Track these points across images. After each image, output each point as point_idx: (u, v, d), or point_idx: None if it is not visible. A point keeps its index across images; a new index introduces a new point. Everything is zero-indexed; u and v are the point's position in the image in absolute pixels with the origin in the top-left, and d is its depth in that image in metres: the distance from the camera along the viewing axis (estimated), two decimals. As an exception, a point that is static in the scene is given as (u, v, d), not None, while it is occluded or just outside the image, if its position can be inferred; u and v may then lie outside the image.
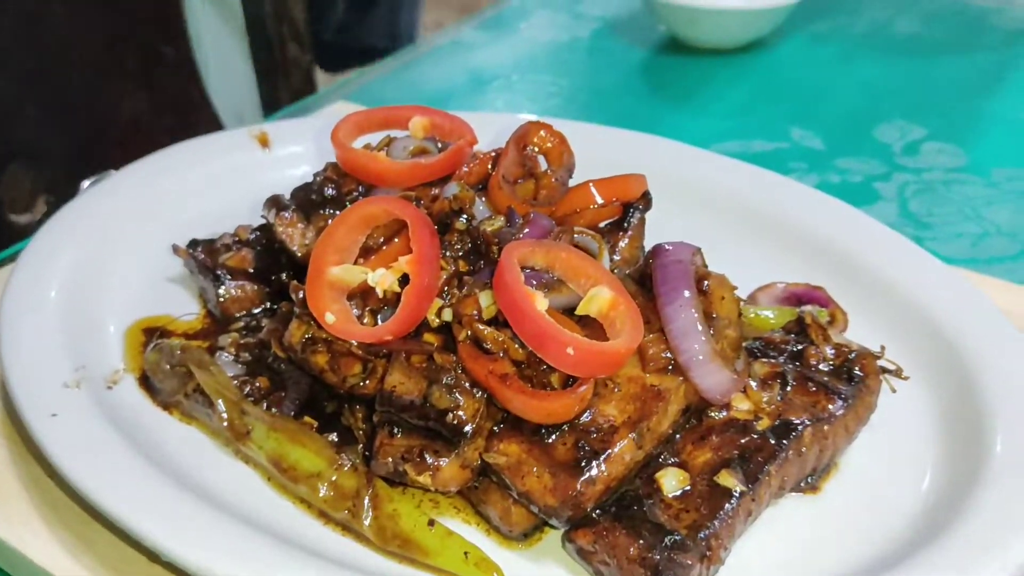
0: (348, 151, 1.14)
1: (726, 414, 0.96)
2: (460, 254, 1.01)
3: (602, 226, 1.11)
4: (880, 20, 2.28)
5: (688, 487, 0.91)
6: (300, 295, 1.01)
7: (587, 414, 0.91)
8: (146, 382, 1.09)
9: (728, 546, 0.88)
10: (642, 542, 0.85)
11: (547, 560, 0.92)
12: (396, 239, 1.01)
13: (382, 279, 0.97)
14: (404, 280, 0.97)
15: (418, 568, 0.90)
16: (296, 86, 3.15)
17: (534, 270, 0.96)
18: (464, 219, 1.04)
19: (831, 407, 0.96)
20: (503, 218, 1.02)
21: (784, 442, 0.93)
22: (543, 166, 1.13)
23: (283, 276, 1.20)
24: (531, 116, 1.55)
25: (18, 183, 2.03)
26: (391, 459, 0.92)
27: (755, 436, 0.94)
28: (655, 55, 2.13)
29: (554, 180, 1.09)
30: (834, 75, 2.04)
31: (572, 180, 1.19)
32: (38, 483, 1.00)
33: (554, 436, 0.90)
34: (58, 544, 0.94)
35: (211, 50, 3.02)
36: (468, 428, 0.89)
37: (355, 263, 1.03)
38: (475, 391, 0.91)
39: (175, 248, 1.24)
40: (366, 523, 0.92)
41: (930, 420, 1.04)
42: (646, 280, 1.00)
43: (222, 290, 1.17)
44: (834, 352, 1.01)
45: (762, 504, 0.93)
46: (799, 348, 1.02)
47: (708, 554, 0.85)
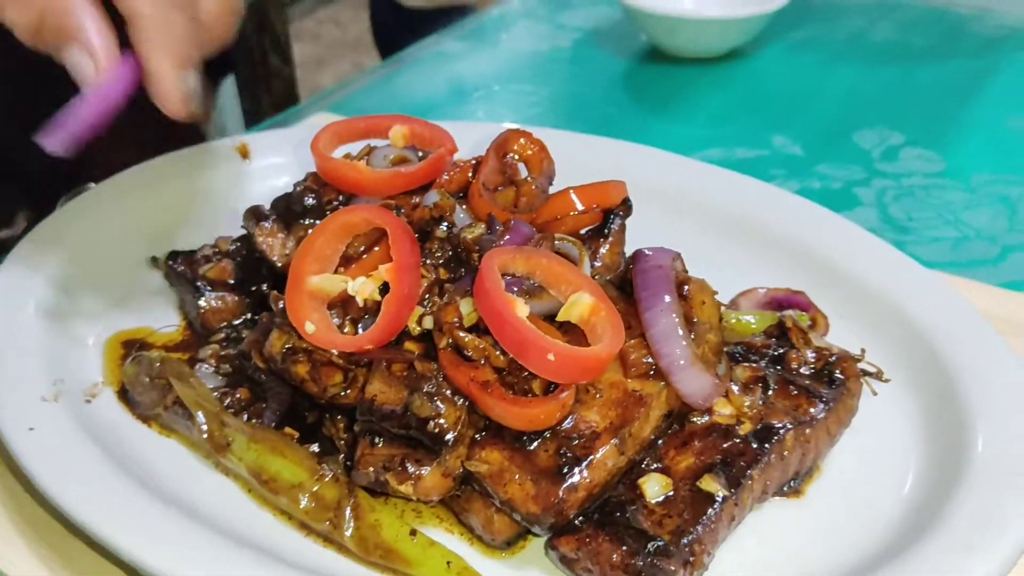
0: (328, 161, 1.14)
1: (708, 419, 0.96)
2: (441, 262, 1.01)
3: (583, 232, 1.11)
4: (858, 27, 2.30)
5: (671, 492, 0.90)
6: (280, 305, 1.00)
7: (569, 420, 0.90)
8: (125, 395, 1.09)
9: (711, 551, 0.88)
10: (625, 549, 0.85)
11: (530, 568, 0.92)
12: (376, 248, 1.01)
13: (362, 288, 0.97)
14: (385, 289, 0.97)
15: (401, 578, 0.89)
16: (278, 97, 3.16)
17: (515, 277, 0.96)
18: (445, 227, 1.04)
19: (812, 410, 0.97)
20: (484, 225, 1.02)
21: (766, 446, 0.93)
22: (523, 173, 1.13)
23: (264, 287, 1.19)
24: (512, 125, 1.56)
25: (-3, 198, 2.02)
26: (372, 469, 0.91)
27: (737, 440, 0.94)
28: (636, 64, 2.14)
29: (534, 187, 1.09)
30: (813, 82, 2.06)
31: (553, 187, 1.19)
32: (16, 498, 0.99)
33: (536, 443, 0.90)
34: (38, 560, 0.93)
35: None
36: (450, 436, 0.89)
37: (335, 272, 1.02)
38: (456, 399, 0.91)
39: (153, 260, 1.23)
40: (348, 534, 0.91)
41: (912, 422, 1.04)
42: (627, 286, 1.00)
43: (202, 302, 1.17)
44: (815, 355, 1.01)
45: (745, 509, 0.92)
46: (780, 352, 1.02)
47: (691, 560, 0.85)
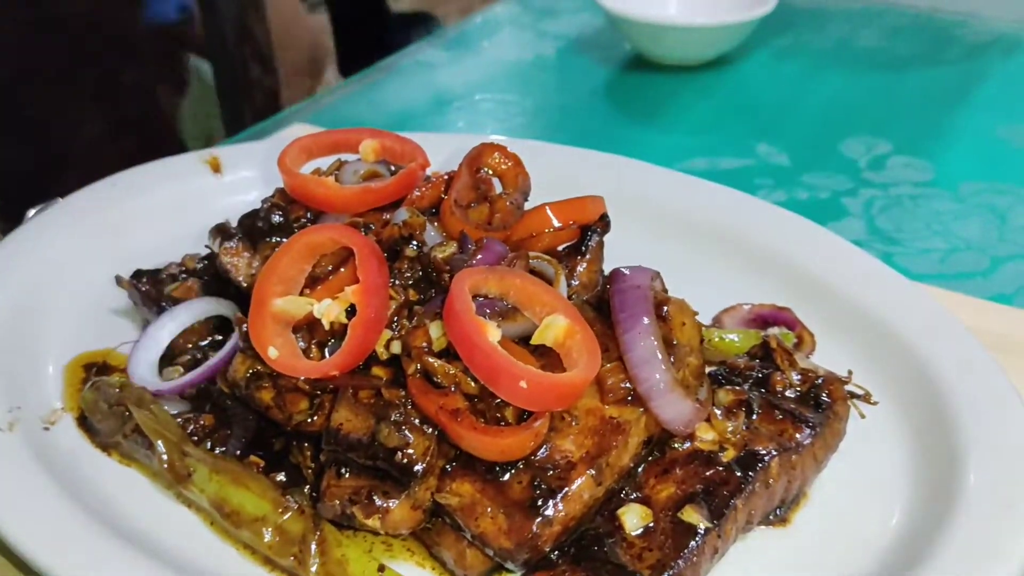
0: (295, 177, 1.10)
1: (690, 445, 0.92)
2: (410, 282, 0.97)
3: (560, 249, 1.07)
4: (844, 34, 2.27)
5: (651, 524, 0.87)
6: (243, 328, 0.96)
7: (543, 450, 0.86)
8: (84, 422, 1.04)
9: (693, 586, 0.84)
10: (602, 585, 0.81)
11: (505, 604, 0.88)
12: (343, 268, 0.97)
13: (328, 310, 0.93)
14: (352, 311, 0.93)
15: (368, 617, 0.85)
16: (259, 107, 3.12)
17: (487, 298, 0.92)
18: (415, 245, 1.00)
19: (798, 436, 0.93)
20: (455, 244, 0.98)
21: (750, 474, 0.89)
22: (497, 189, 1.09)
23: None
24: (489, 136, 1.52)
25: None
26: (338, 501, 0.87)
27: (720, 468, 0.90)
28: (620, 72, 2.11)
29: (509, 203, 1.05)
30: (799, 90, 2.03)
31: (530, 201, 1.16)
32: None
33: (509, 474, 0.86)
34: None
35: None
36: (418, 467, 0.85)
37: (301, 293, 0.98)
38: (426, 428, 0.87)
39: (118, 279, 1.19)
40: (313, 569, 0.87)
41: (901, 445, 1.00)
42: (604, 306, 0.96)
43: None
44: (800, 378, 0.98)
45: (729, 540, 0.89)
46: (764, 374, 0.99)
47: (672, 596, 0.81)
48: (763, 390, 0.97)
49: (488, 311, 0.90)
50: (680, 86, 2.02)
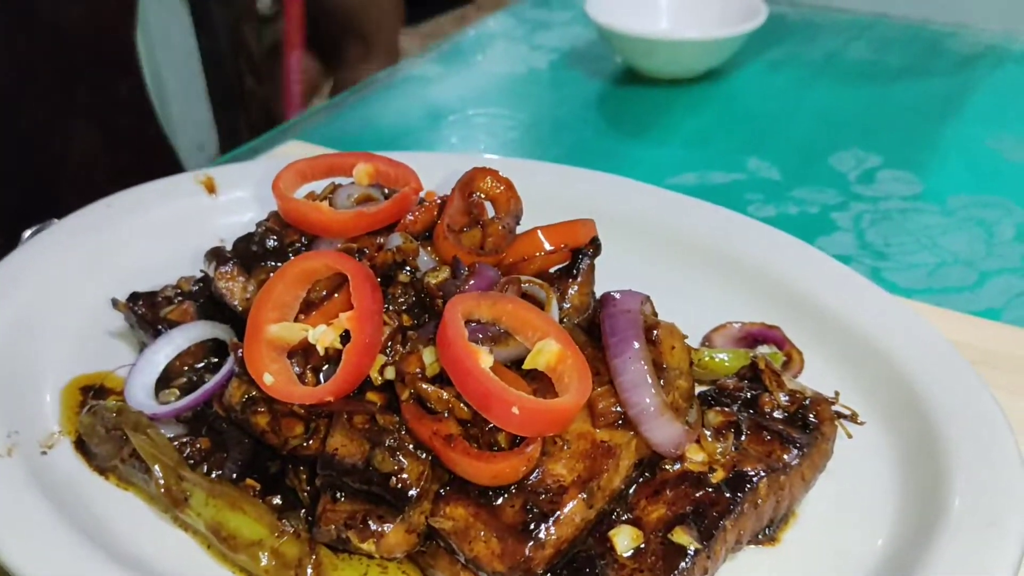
0: (289, 202, 1.11)
1: (680, 466, 0.94)
2: (404, 307, 0.98)
3: (551, 272, 1.09)
4: (835, 47, 2.29)
5: (642, 545, 0.88)
6: (239, 354, 0.98)
7: (536, 474, 0.88)
8: (82, 446, 1.05)
9: (684, 607, 0.85)
10: (594, 607, 0.82)
11: (499, 626, 0.89)
12: (338, 293, 0.98)
13: (323, 336, 0.94)
14: (346, 336, 0.94)
15: (364, 640, 0.86)
16: (254, 119, 3.13)
17: (480, 323, 0.94)
18: (408, 271, 1.01)
19: (786, 456, 0.94)
20: (448, 269, 1.00)
21: (739, 495, 0.91)
22: (490, 213, 1.10)
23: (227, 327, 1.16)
24: (482, 154, 1.54)
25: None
26: (334, 526, 0.89)
27: (710, 489, 0.91)
28: (612, 86, 2.13)
29: (501, 227, 1.07)
30: (790, 103, 2.05)
31: (523, 220, 1.17)
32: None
33: (502, 498, 0.87)
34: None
35: (167, 84, 2.99)
36: (412, 492, 0.86)
37: (296, 318, 1.00)
38: (420, 453, 0.88)
39: (115, 302, 1.20)
40: (309, 593, 0.88)
41: (887, 464, 1.02)
42: (595, 329, 0.98)
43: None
44: (788, 399, 0.99)
45: (718, 560, 0.90)
46: (753, 395, 1.00)
47: (663, 617, 0.82)
48: (752, 411, 0.99)
49: (481, 336, 0.91)
50: (671, 100, 2.03)
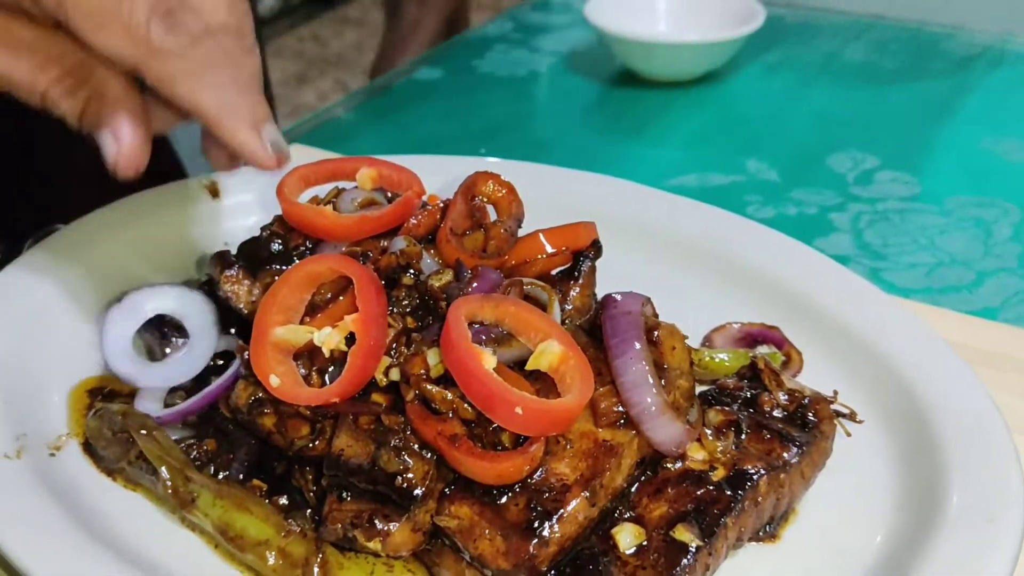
0: (293, 206, 1.12)
1: (681, 465, 0.95)
2: (408, 310, 1.00)
3: (553, 274, 1.10)
4: (832, 49, 2.31)
5: (644, 542, 0.89)
6: (245, 356, 0.99)
7: (539, 473, 0.89)
8: (90, 448, 1.06)
9: (686, 603, 0.87)
10: (598, 604, 0.84)
11: (503, 623, 0.90)
12: (343, 296, 1.00)
13: (328, 339, 0.95)
14: (351, 338, 0.96)
15: (370, 638, 0.87)
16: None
17: (483, 325, 0.95)
18: (412, 274, 1.02)
19: (786, 455, 0.96)
20: (451, 272, 1.01)
21: (740, 493, 0.92)
22: (492, 216, 1.12)
23: (232, 332, 1.17)
24: (483, 157, 1.55)
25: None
26: (340, 525, 0.90)
27: (711, 487, 0.92)
28: (611, 88, 2.14)
29: (503, 231, 1.08)
30: (788, 105, 2.06)
31: (524, 223, 1.18)
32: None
33: (506, 497, 0.88)
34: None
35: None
36: (418, 491, 0.88)
37: (302, 321, 1.01)
38: (425, 452, 0.89)
39: (120, 305, 1.21)
40: (316, 592, 0.89)
41: (886, 461, 1.03)
42: (597, 331, 0.99)
43: (168, 348, 1.14)
44: (788, 398, 1.00)
45: (720, 557, 0.91)
46: (753, 394, 1.01)
47: (665, 614, 0.83)
48: (752, 410, 1.00)
49: (484, 337, 0.93)
50: (670, 102, 2.05)
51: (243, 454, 1.03)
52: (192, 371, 1.10)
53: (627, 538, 0.89)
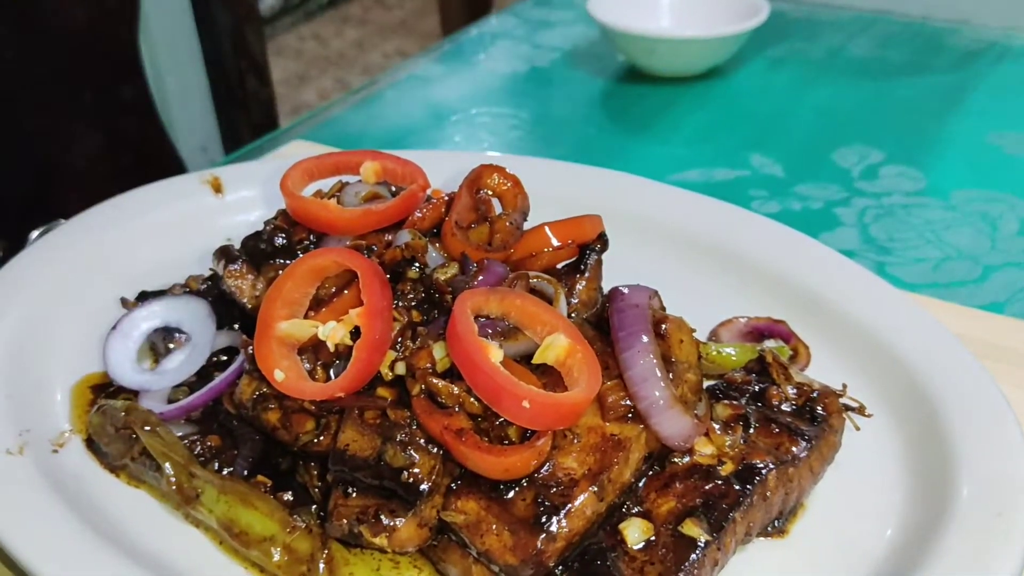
0: (297, 200, 1.11)
1: (689, 459, 0.94)
2: (413, 304, 0.99)
3: (559, 268, 1.09)
4: (837, 43, 2.30)
5: (652, 538, 0.88)
6: (249, 351, 0.98)
7: (546, 467, 0.88)
8: (92, 444, 1.06)
9: (695, 599, 0.86)
10: (606, 599, 0.83)
11: (510, 619, 0.89)
12: (347, 290, 0.99)
13: (333, 333, 0.95)
14: (356, 333, 0.95)
15: (376, 634, 0.87)
16: (256, 120, 3.14)
17: (489, 318, 0.94)
18: (417, 267, 1.02)
19: (795, 449, 0.95)
20: (457, 265, 1.00)
21: (748, 487, 0.91)
22: (497, 210, 1.11)
23: (236, 327, 1.16)
24: (489, 153, 1.54)
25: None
26: (346, 521, 0.89)
27: (719, 482, 0.92)
28: (615, 84, 2.13)
29: (509, 224, 1.07)
30: (792, 100, 2.05)
31: (529, 218, 1.17)
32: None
33: (513, 492, 0.87)
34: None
35: (170, 86, 2.99)
36: (424, 487, 0.87)
37: (306, 315, 1.00)
38: (431, 447, 0.89)
39: (124, 301, 1.21)
40: (321, 588, 0.89)
41: (895, 455, 1.02)
42: (604, 324, 0.98)
43: (172, 344, 1.14)
44: (796, 391, 1.00)
45: (728, 552, 0.90)
46: (761, 388, 1.00)
47: (674, 609, 0.83)
48: (760, 404, 0.99)
49: (490, 331, 0.92)
50: (674, 97, 2.04)
51: (247, 450, 1.03)
52: (195, 365, 1.09)
53: (635, 533, 0.88)
